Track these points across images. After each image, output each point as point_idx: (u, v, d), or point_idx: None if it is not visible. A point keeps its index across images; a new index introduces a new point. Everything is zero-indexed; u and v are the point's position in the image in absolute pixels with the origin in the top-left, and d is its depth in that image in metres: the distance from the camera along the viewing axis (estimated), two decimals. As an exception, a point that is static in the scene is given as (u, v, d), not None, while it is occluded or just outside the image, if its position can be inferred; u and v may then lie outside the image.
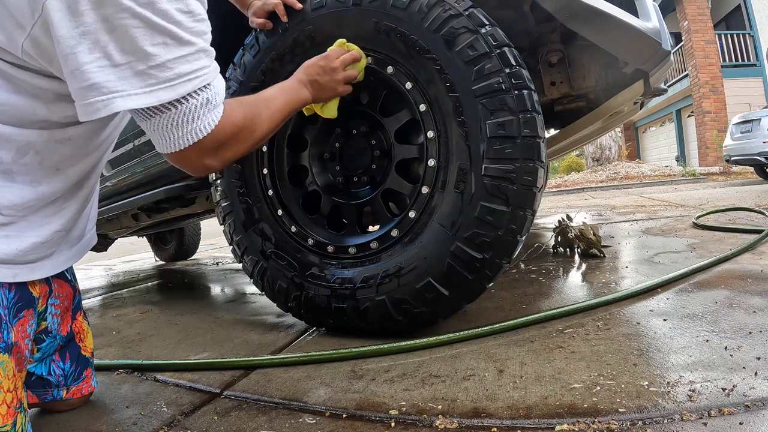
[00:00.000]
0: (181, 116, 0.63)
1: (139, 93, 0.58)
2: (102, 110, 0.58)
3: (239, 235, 1.19)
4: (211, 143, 0.68)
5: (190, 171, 0.72)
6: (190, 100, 0.63)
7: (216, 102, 0.67)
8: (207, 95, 0.65)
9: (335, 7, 1.01)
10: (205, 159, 0.70)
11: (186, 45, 0.61)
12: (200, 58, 0.63)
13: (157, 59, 0.58)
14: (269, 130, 0.81)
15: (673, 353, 0.79)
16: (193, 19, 0.62)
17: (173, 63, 0.60)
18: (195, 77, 0.62)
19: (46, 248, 0.73)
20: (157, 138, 0.66)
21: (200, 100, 0.64)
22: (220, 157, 0.72)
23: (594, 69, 1.48)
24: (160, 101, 0.60)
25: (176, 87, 0.60)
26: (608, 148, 12.99)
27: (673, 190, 6.18)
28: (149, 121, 0.64)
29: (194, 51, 0.62)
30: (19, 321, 0.69)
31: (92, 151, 0.77)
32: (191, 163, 0.69)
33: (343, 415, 0.71)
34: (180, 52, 0.60)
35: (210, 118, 0.66)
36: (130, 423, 0.77)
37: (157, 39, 0.58)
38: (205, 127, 0.66)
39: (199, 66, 0.63)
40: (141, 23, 0.56)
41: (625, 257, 1.68)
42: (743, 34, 11.37)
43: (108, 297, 2.19)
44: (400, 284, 0.96)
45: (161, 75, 0.59)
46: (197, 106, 0.64)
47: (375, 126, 1.09)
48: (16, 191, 0.67)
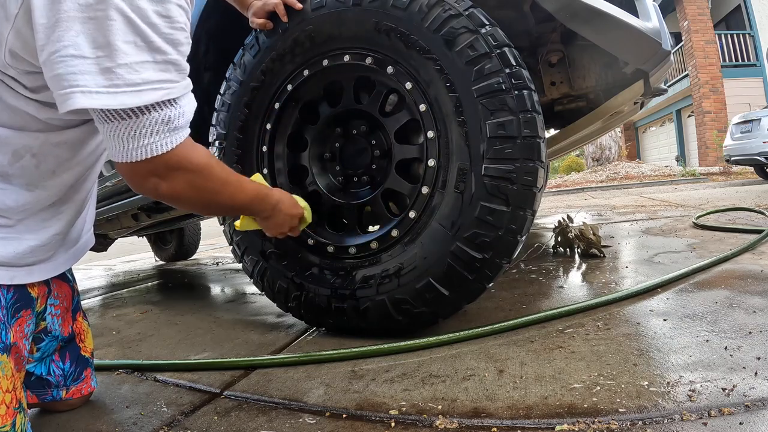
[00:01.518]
0: (140, 127, 0.60)
1: (102, 92, 0.56)
2: (62, 104, 0.55)
3: (239, 235, 1.18)
4: (162, 167, 0.64)
5: (134, 187, 0.68)
6: (152, 113, 0.60)
7: (178, 124, 0.63)
8: (169, 113, 0.62)
9: (335, 7, 1.01)
10: (150, 179, 0.66)
11: (156, 51, 0.58)
12: (168, 70, 0.60)
13: (125, 58, 0.56)
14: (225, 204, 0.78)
15: (673, 353, 0.78)
16: (169, 25, 0.59)
17: (140, 66, 0.57)
18: (161, 88, 0.59)
19: (44, 251, 0.73)
20: (111, 144, 0.62)
21: (162, 116, 0.61)
22: (169, 185, 0.67)
23: (594, 69, 1.48)
24: (122, 105, 0.57)
25: (141, 93, 0.57)
26: (608, 148, 12.98)
27: (673, 190, 6.18)
28: (106, 125, 0.60)
29: (163, 60, 0.59)
30: (17, 321, 0.69)
31: (88, 155, 0.76)
32: (138, 178, 0.66)
33: (343, 415, 0.71)
34: (148, 56, 0.57)
35: (169, 139, 0.63)
36: (130, 423, 0.77)
37: (128, 37, 0.56)
38: (161, 146, 0.62)
39: (165, 77, 0.60)
40: (118, 16, 0.55)
41: (625, 257, 1.68)
42: (743, 34, 11.37)
43: (108, 297, 2.19)
44: (400, 284, 0.96)
45: (127, 77, 0.56)
46: (158, 121, 0.61)
47: (375, 126, 1.09)
48: (12, 194, 0.66)
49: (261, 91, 1.14)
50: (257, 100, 1.14)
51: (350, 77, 1.08)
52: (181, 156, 0.65)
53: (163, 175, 0.66)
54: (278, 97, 1.13)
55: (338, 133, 1.13)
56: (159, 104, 0.60)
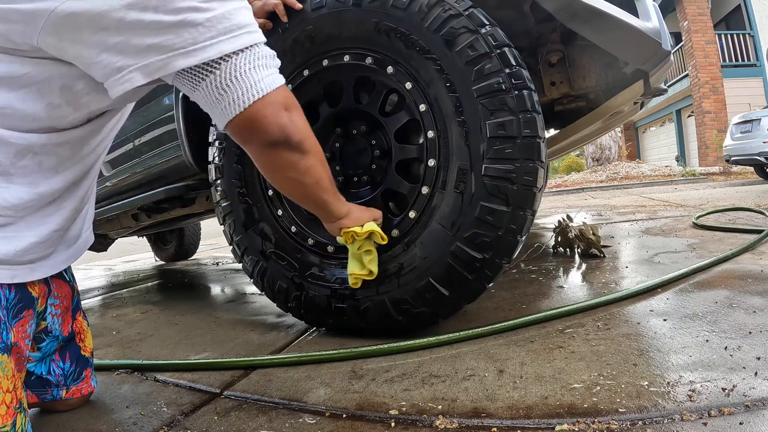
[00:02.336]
0: (258, 59, 0.58)
1: (198, 48, 0.53)
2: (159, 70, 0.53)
3: (239, 235, 1.18)
4: (290, 98, 0.62)
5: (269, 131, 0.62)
6: (261, 47, 0.58)
7: (278, 63, 0.62)
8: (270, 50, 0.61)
9: (335, 7, 1.01)
10: (283, 114, 0.62)
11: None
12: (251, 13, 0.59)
13: (211, 12, 0.54)
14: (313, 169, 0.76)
15: (673, 353, 0.79)
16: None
17: (230, 14, 0.56)
18: (255, 30, 0.58)
19: (44, 248, 0.73)
20: (226, 96, 0.58)
21: (268, 51, 0.59)
22: (295, 120, 0.65)
23: (594, 69, 1.48)
24: (222, 53, 0.55)
25: (238, 38, 0.56)
26: (608, 148, 12.98)
27: (673, 190, 6.18)
28: (211, 76, 0.57)
29: (246, 5, 0.59)
30: (19, 321, 0.69)
31: (89, 154, 0.77)
32: (273, 115, 0.61)
33: (343, 415, 0.71)
34: (234, 3, 0.56)
35: (279, 76, 0.61)
36: (130, 423, 0.77)
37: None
38: (279, 79, 0.60)
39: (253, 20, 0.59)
40: None
41: (625, 257, 1.68)
42: (743, 34, 11.37)
43: (108, 297, 2.19)
44: (400, 284, 0.96)
45: (220, 26, 0.55)
46: (268, 54, 0.59)
47: (375, 126, 1.09)
48: (14, 192, 0.66)
49: (261, 91, 1.14)
50: (257, 100, 1.14)
51: (350, 77, 1.08)
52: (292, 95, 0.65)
53: (291, 109, 0.64)
54: (278, 97, 1.13)
55: (338, 133, 1.13)
56: (260, 43, 0.60)
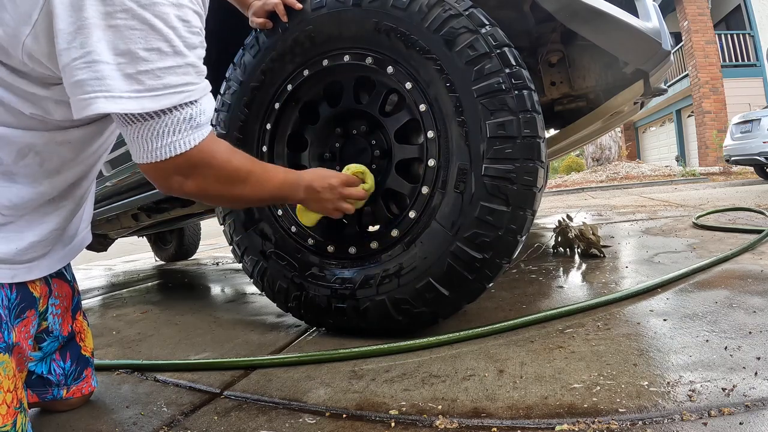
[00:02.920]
0: (162, 127, 0.61)
1: (124, 97, 0.57)
2: (83, 109, 0.56)
3: (239, 235, 1.19)
4: (186, 164, 0.65)
5: (159, 187, 0.69)
6: (174, 113, 0.61)
7: (200, 121, 0.65)
8: (191, 111, 0.63)
9: (335, 7, 1.01)
10: (175, 178, 0.67)
11: (178, 55, 0.59)
12: (188, 73, 0.61)
13: (147, 65, 0.57)
14: (250, 196, 0.79)
15: (673, 353, 0.79)
16: (188, 30, 0.61)
17: (163, 72, 0.58)
18: (182, 91, 0.61)
19: (42, 247, 0.73)
20: (134, 146, 0.63)
21: (184, 115, 0.62)
22: (194, 182, 0.68)
23: (594, 69, 1.48)
24: (144, 110, 0.58)
25: (161, 98, 0.59)
26: (608, 148, 12.98)
27: (673, 190, 6.18)
28: (129, 128, 0.62)
29: (184, 64, 0.61)
30: (22, 322, 0.69)
31: (91, 154, 0.77)
32: (162, 178, 0.67)
33: (343, 415, 0.71)
34: (171, 62, 0.59)
35: (192, 137, 0.64)
36: (130, 423, 0.77)
37: (152, 44, 0.57)
38: (184, 144, 0.63)
39: (186, 80, 0.61)
40: (140, 24, 0.56)
41: (625, 257, 1.68)
42: (743, 34, 11.37)
43: (108, 297, 2.19)
44: (400, 284, 0.96)
45: (149, 83, 0.58)
46: (180, 119, 0.62)
47: (375, 126, 1.09)
48: (16, 191, 0.67)
49: (261, 91, 1.14)
50: (257, 100, 1.14)
51: (350, 77, 1.08)
52: (204, 152, 0.66)
53: (187, 173, 0.67)
54: (278, 97, 1.13)
55: (338, 133, 1.13)
56: (179, 105, 0.62)
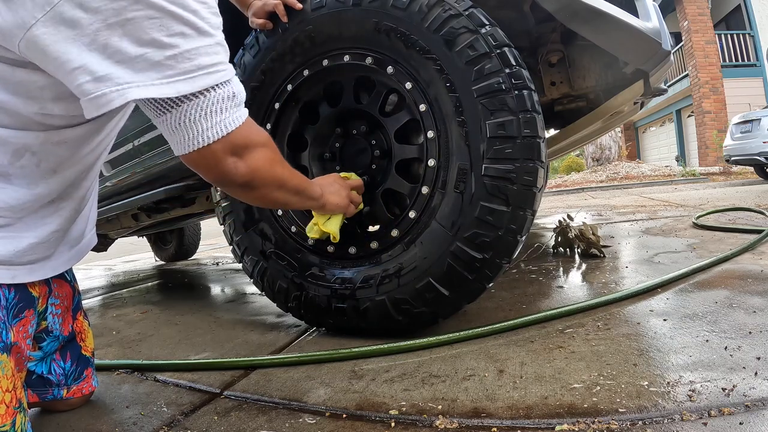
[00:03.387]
0: (209, 106, 0.60)
1: (156, 84, 0.55)
2: (116, 100, 0.55)
3: (239, 235, 1.19)
4: (241, 141, 0.63)
5: (211, 174, 0.66)
6: (217, 90, 0.60)
7: (241, 98, 0.64)
8: (232, 89, 0.62)
9: (335, 7, 1.01)
10: (230, 159, 0.64)
11: (204, 35, 0.58)
12: (219, 52, 0.60)
13: (174, 49, 0.56)
14: (288, 183, 0.77)
15: (673, 353, 0.79)
16: (209, 11, 0.60)
17: (192, 54, 0.57)
18: (216, 71, 0.59)
19: (44, 249, 0.73)
20: (178, 134, 0.61)
21: (226, 92, 0.61)
22: (249, 161, 0.66)
23: (594, 69, 1.48)
24: (179, 93, 0.57)
25: (196, 79, 0.57)
26: (608, 148, 12.98)
27: (673, 190, 6.18)
28: (170, 114, 0.59)
29: (213, 43, 0.59)
30: (20, 321, 0.69)
31: (88, 154, 0.76)
32: (216, 162, 0.64)
33: (343, 415, 0.71)
34: (199, 42, 0.58)
35: (237, 114, 0.62)
36: (130, 423, 0.77)
37: (174, 28, 0.56)
38: (234, 121, 0.62)
39: (219, 60, 0.60)
40: (157, 13, 0.54)
41: (625, 257, 1.68)
42: (743, 34, 11.37)
43: (108, 297, 2.19)
44: (400, 284, 0.96)
45: (180, 66, 0.56)
46: (224, 97, 0.61)
47: (375, 126, 1.09)
48: (12, 193, 0.66)
49: (261, 91, 1.14)
50: (257, 100, 1.14)
51: (350, 77, 1.08)
52: (251, 130, 0.66)
53: (240, 152, 0.65)
54: (278, 97, 1.13)
55: (338, 133, 1.13)
56: (218, 84, 0.60)
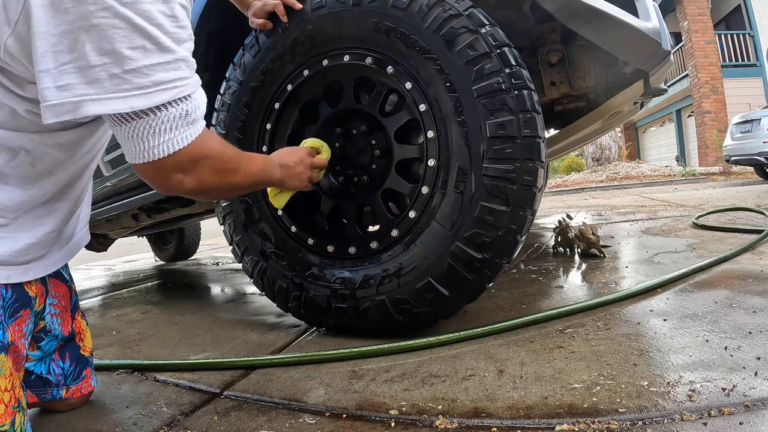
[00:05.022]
0: (158, 124, 0.60)
1: (111, 98, 0.56)
2: (71, 112, 0.55)
3: (239, 235, 1.19)
4: (187, 159, 0.64)
5: (158, 187, 0.68)
6: (169, 109, 0.60)
7: (195, 117, 0.64)
8: (186, 107, 0.62)
9: (335, 7, 1.01)
10: (175, 175, 0.66)
11: (165, 52, 0.58)
12: (180, 68, 0.60)
13: (133, 63, 0.56)
14: (242, 183, 0.79)
15: (673, 353, 0.78)
16: (175, 25, 0.59)
17: (150, 69, 0.57)
18: (173, 87, 0.60)
19: (38, 249, 0.73)
20: (128, 146, 0.62)
21: (179, 111, 0.61)
22: (195, 176, 0.67)
23: (594, 69, 1.48)
24: (133, 108, 0.57)
25: (151, 95, 0.58)
26: (608, 148, 12.98)
27: (673, 190, 6.18)
28: (122, 127, 0.60)
29: (173, 59, 0.59)
30: (15, 321, 0.69)
31: (84, 155, 0.76)
32: (162, 177, 0.65)
33: (343, 415, 0.71)
34: (159, 58, 0.58)
35: (189, 132, 0.63)
36: (130, 423, 0.77)
37: (136, 42, 0.56)
38: (182, 140, 0.62)
39: (177, 76, 0.60)
40: (122, 23, 0.54)
41: (625, 257, 1.68)
42: (743, 34, 11.37)
43: (108, 297, 2.19)
44: (400, 284, 0.96)
45: (136, 81, 0.56)
46: (175, 116, 0.61)
47: (375, 126, 1.09)
48: (8, 193, 0.66)
49: (261, 91, 1.14)
50: (257, 100, 1.14)
51: (350, 77, 1.08)
52: (201, 146, 0.66)
53: (187, 168, 0.66)
54: (278, 97, 1.13)
55: (338, 133, 1.13)
56: (173, 101, 0.61)
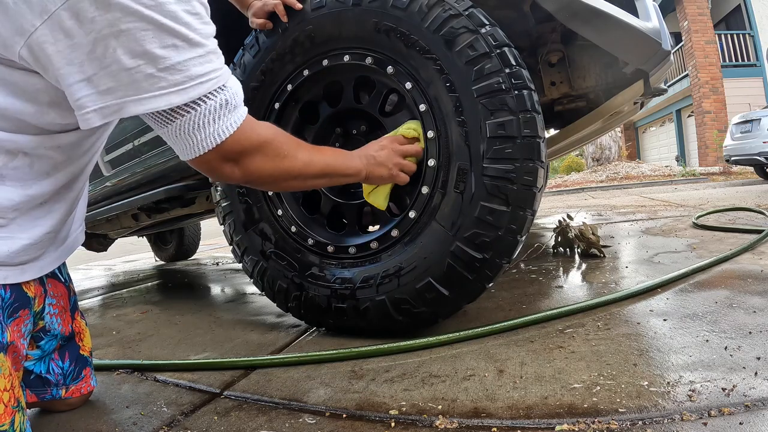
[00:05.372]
0: (201, 118, 0.62)
1: (148, 97, 0.58)
2: (116, 112, 0.58)
3: (239, 235, 1.19)
4: (233, 148, 0.66)
5: (212, 177, 0.70)
6: (208, 102, 0.62)
7: (235, 103, 0.66)
8: (225, 96, 0.64)
9: (335, 7, 1.01)
10: (226, 166, 0.68)
11: (196, 46, 0.60)
12: (211, 60, 0.62)
13: (166, 61, 0.58)
14: (305, 171, 0.78)
15: (673, 353, 0.78)
16: (200, 21, 0.61)
17: (184, 65, 0.59)
18: (208, 79, 0.62)
19: (35, 250, 0.73)
20: (177, 144, 0.64)
21: (218, 101, 0.63)
22: (244, 166, 0.69)
23: (594, 69, 1.48)
24: (171, 105, 0.59)
25: (188, 90, 0.60)
26: (608, 148, 12.98)
27: (673, 190, 6.18)
28: (168, 127, 0.63)
29: (205, 53, 0.61)
30: (14, 321, 0.69)
31: (81, 156, 0.76)
32: (212, 169, 0.68)
33: (343, 415, 0.71)
34: (190, 53, 0.60)
35: (231, 120, 0.65)
36: (130, 423, 0.77)
37: (166, 41, 0.57)
38: (226, 130, 0.64)
39: (211, 68, 0.62)
40: (149, 25, 0.56)
41: (625, 257, 1.68)
42: (743, 34, 11.37)
43: (108, 297, 2.19)
44: (400, 284, 0.96)
45: (172, 78, 0.58)
46: (216, 107, 0.63)
47: (375, 126, 1.09)
48: (5, 194, 0.66)
49: (261, 91, 1.14)
50: (257, 100, 1.14)
51: (350, 77, 1.08)
52: (247, 133, 0.67)
53: (236, 158, 0.68)
54: (278, 97, 1.13)
55: (338, 133, 1.13)
56: (211, 93, 0.62)
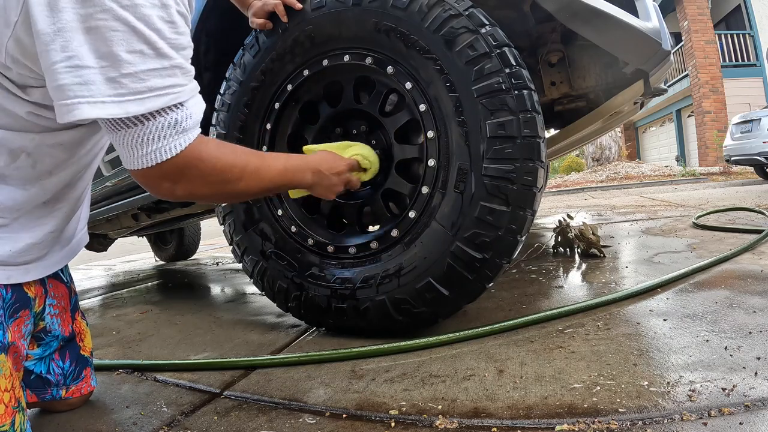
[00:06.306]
0: (147, 134, 0.60)
1: (107, 102, 0.55)
2: (66, 115, 0.55)
3: (239, 235, 1.19)
4: (173, 170, 0.64)
5: (151, 192, 0.68)
6: (158, 118, 0.60)
7: (186, 126, 0.63)
8: (176, 116, 0.61)
9: (335, 7, 1.01)
10: (164, 183, 0.66)
11: (162, 57, 0.58)
12: (175, 75, 0.60)
13: (130, 68, 0.56)
14: (252, 188, 0.76)
15: (673, 353, 0.79)
16: (174, 31, 0.59)
17: (146, 75, 0.57)
18: (165, 93, 0.59)
19: (39, 250, 0.73)
20: (122, 152, 0.62)
21: (168, 120, 0.61)
22: (182, 187, 0.67)
23: (594, 69, 1.48)
24: (128, 114, 0.57)
25: (145, 101, 0.57)
26: (608, 148, 12.98)
27: (673, 190, 6.18)
28: (116, 134, 0.60)
29: (169, 66, 0.59)
30: (15, 321, 0.69)
31: (85, 154, 0.76)
32: (152, 184, 0.66)
33: (343, 415, 0.71)
34: (155, 64, 0.57)
35: (176, 142, 0.62)
36: (130, 423, 0.77)
37: (134, 46, 0.56)
38: (169, 151, 0.62)
39: (172, 83, 0.60)
40: (121, 26, 0.54)
41: (625, 257, 1.68)
42: (743, 34, 11.37)
43: (108, 297, 2.19)
44: (400, 284, 0.96)
45: (132, 86, 0.56)
46: (164, 125, 0.61)
47: (375, 126, 1.09)
48: (9, 193, 0.66)
49: (261, 91, 1.14)
50: (257, 100, 1.14)
51: (350, 77, 1.08)
52: (190, 157, 0.65)
53: (175, 178, 0.66)
54: (278, 97, 1.13)
55: (338, 133, 1.13)
56: (165, 109, 0.60)
